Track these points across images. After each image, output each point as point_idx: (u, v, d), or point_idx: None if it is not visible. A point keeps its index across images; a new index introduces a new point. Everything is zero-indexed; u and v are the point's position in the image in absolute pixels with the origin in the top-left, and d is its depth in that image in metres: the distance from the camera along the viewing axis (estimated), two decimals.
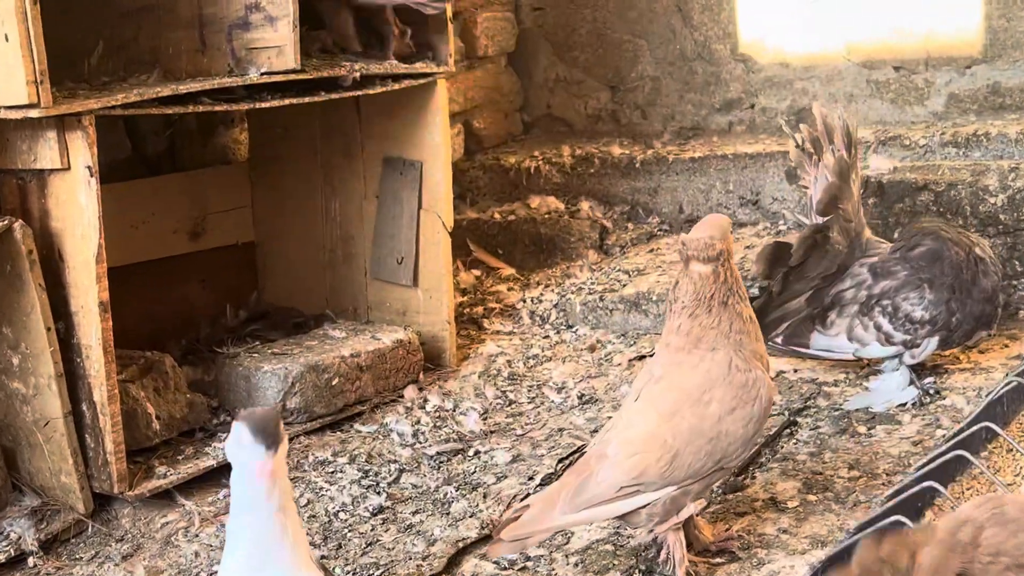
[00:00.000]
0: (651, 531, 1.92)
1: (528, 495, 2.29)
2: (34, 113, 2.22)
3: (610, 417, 2.29)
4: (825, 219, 2.74)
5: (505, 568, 2.10)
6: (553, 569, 2.07)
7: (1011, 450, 2.09)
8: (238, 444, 1.31)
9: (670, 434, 1.89)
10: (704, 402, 1.91)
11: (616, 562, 2.06)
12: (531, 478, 2.48)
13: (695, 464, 1.88)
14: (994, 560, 1.35)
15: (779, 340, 2.73)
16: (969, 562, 1.37)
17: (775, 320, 2.72)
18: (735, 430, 1.90)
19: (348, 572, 2.11)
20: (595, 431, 2.48)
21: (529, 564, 2.10)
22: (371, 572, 2.12)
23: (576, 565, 2.08)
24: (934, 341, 2.62)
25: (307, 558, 1.39)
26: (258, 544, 1.35)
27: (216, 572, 2.18)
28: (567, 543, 2.15)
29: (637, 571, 2.02)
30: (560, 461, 2.51)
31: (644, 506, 1.88)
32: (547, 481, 2.38)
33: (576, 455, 2.37)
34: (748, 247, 3.45)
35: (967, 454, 1.98)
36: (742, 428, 1.91)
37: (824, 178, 2.76)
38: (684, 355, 1.98)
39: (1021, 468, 2.06)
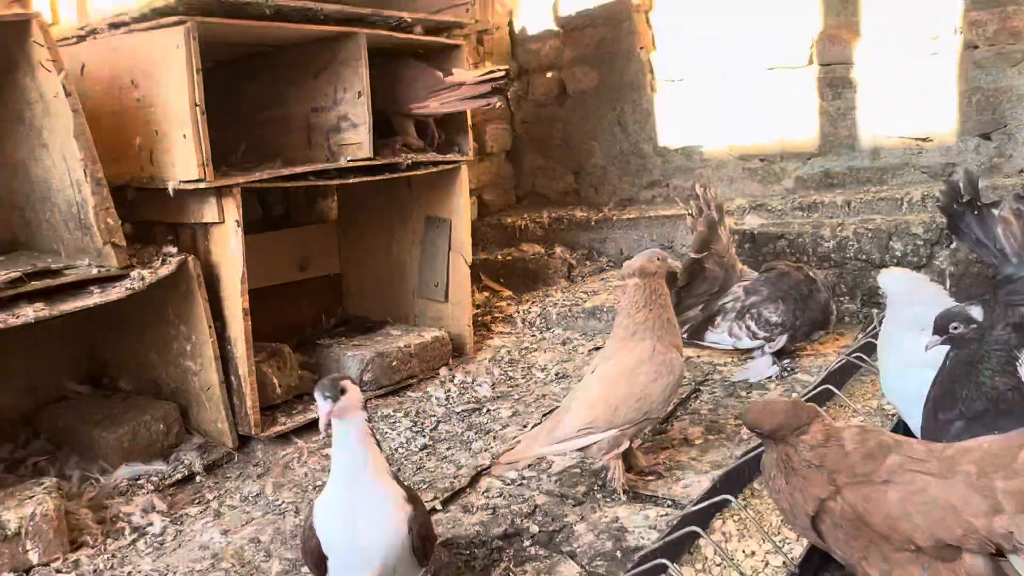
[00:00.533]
0: (601, 459, 1.97)
1: (517, 436, 2.33)
2: (201, 186, 2.28)
3: (574, 387, 2.33)
4: (700, 255, 2.81)
5: (508, 484, 2.12)
6: (540, 483, 2.11)
7: (843, 405, 2.18)
8: (317, 399, 1.36)
9: (612, 396, 1.94)
10: (635, 374, 1.96)
11: (582, 479, 2.10)
12: (525, 426, 2.49)
13: (629, 415, 1.93)
14: (849, 455, 1.37)
15: (685, 336, 2.74)
16: (836, 456, 1.38)
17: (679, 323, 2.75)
18: (656, 393, 1.95)
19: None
20: (565, 395, 2.48)
21: (524, 481, 2.13)
22: (420, 486, 2.14)
23: (556, 481, 2.12)
24: (784, 338, 2.68)
25: (384, 473, 1.42)
26: (349, 465, 1.39)
27: (321, 484, 2.22)
28: (549, 468, 2.18)
29: (597, 484, 2.05)
30: (544, 415, 2.51)
31: (596, 442, 1.93)
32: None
33: (552, 411, 2.37)
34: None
35: (815, 407, 2.04)
36: (661, 392, 1.96)
37: (699, 230, 2.86)
38: (623, 343, 2.04)
39: (849, 417, 2.12)
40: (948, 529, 1.20)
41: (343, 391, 1.35)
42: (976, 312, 1.55)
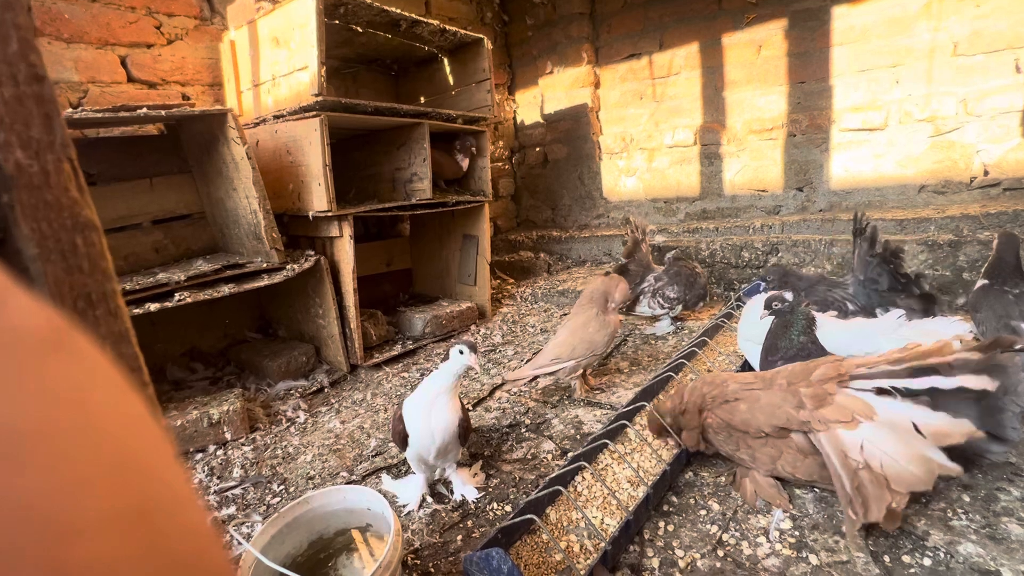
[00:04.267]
0: (566, 378, 1.99)
1: (517, 366, 2.33)
2: (329, 214, 2.27)
3: (550, 336, 2.34)
4: (627, 259, 2.81)
5: (512, 395, 2.12)
6: (531, 395, 2.10)
7: (713, 350, 2.15)
8: (456, 353, 1.37)
9: (572, 340, 1.96)
10: (586, 328, 1.97)
11: (556, 393, 2.10)
12: (523, 360, 2.48)
13: (583, 353, 1.94)
14: (707, 395, 1.39)
15: (623, 309, 2.74)
16: (700, 399, 1.41)
17: None
18: (599, 340, 1.96)
19: None
20: (545, 341, 2.48)
21: (521, 393, 2.12)
22: (459, 396, 2.13)
23: (540, 393, 2.11)
24: (679, 307, 2.65)
25: (457, 398, 1.43)
26: (437, 385, 1.40)
27: (400, 395, 2.22)
28: (537, 385, 2.14)
29: (565, 396, 2.05)
30: (534, 354, 2.51)
31: (561, 369, 1.95)
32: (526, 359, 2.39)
33: (538, 351, 2.38)
34: (606, 274, 3.45)
35: (697, 350, 2.04)
36: (601, 340, 1.97)
37: (629, 242, 2.84)
38: (582, 310, 2.04)
39: (717, 360, 2.09)
40: (777, 418, 1.23)
41: (476, 349, 1.38)
42: (788, 295, 1.57)
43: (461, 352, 1.36)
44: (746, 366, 1.93)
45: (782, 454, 1.25)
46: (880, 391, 1.13)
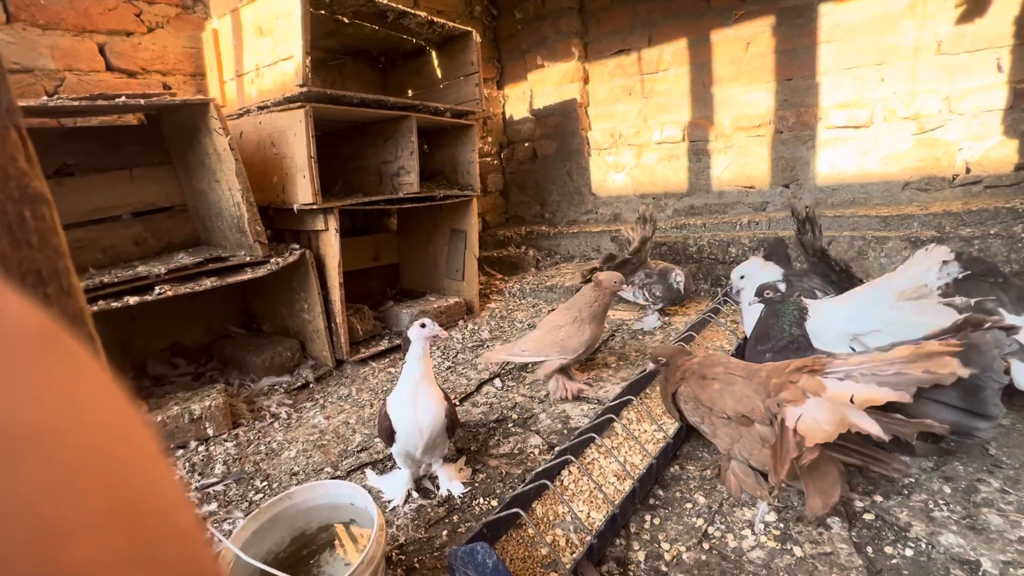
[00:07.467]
0: (544, 378, 2.00)
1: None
2: (314, 207, 2.23)
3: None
4: (631, 256, 2.75)
5: (499, 390, 2.10)
6: (518, 390, 2.09)
7: (700, 345, 2.14)
8: (415, 330, 1.35)
9: (545, 338, 1.97)
10: (559, 330, 1.96)
11: (544, 388, 2.06)
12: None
13: (549, 351, 1.95)
14: (692, 367, 1.39)
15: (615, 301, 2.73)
16: (684, 366, 1.42)
17: None
18: (572, 346, 1.94)
19: None
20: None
21: (508, 389, 2.11)
22: (446, 390, 2.10)
23: (528, 387, 2.10)
24: (663, 303, 2.66)
25: (433, 381, 1.42)
26: (415, 374, 1.38)
27: (387, 390, 2.20)
28: (525, 379, 2.16)
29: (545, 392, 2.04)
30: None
31: (535, 361, 1.98)
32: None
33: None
34: (593, 269, 3.43)
35: (684, 344, 2.03)
36: (574, 345, 1.93)
37: (637, 239, 2.76)
38: (564, 310, 2.02)
39: (705, 348, 2.10)
40: (745, 406, 1.25)
41: (426, 325, 1.36)
42: (781, 285, 1.58)
43: (423, 326, 1.35)
44: (740, 350, 1.95)
45: (741, 438, 1.27)
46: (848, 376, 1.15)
